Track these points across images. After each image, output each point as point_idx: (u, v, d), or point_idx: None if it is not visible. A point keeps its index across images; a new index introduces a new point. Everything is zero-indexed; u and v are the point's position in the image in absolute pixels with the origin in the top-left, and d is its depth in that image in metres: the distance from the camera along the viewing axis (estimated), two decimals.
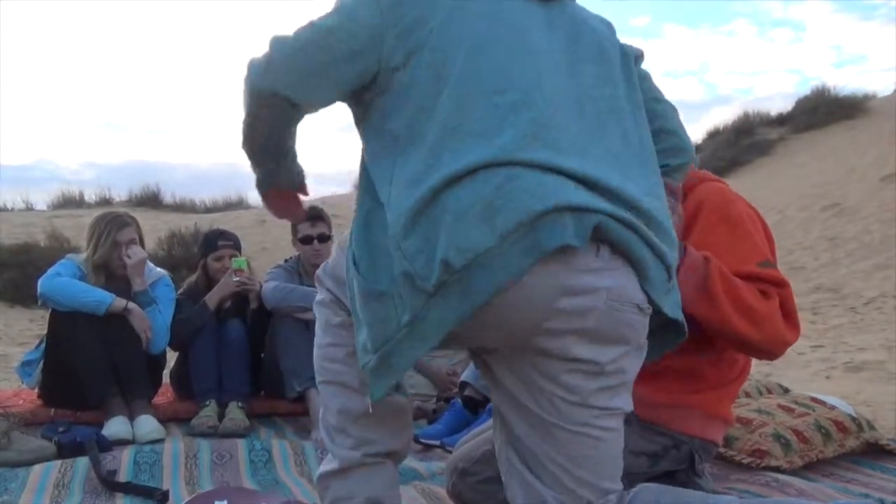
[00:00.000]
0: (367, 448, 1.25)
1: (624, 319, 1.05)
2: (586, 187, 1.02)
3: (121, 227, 2.65)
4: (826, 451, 1.92)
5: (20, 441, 2.13)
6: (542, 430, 1.09)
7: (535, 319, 1.02)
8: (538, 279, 0.99)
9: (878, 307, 5.46)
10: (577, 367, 1.06)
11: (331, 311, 1.28)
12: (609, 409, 1.09)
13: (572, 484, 1.09)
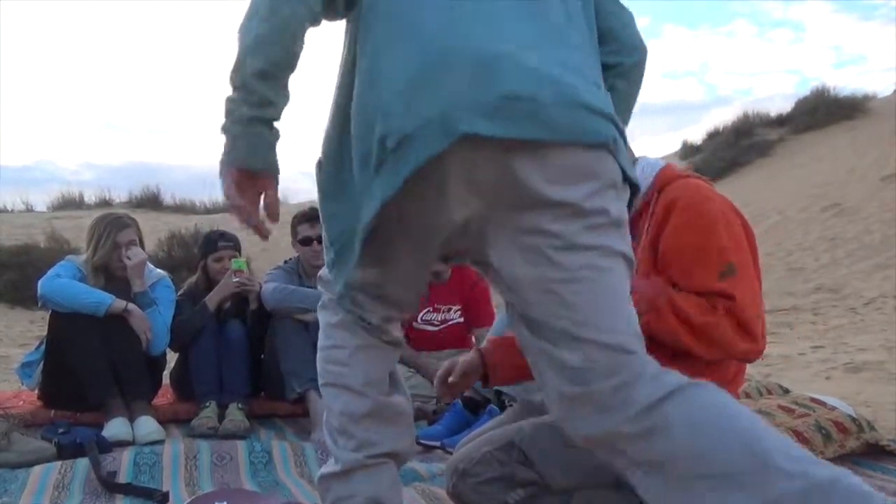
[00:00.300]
0: (370, 450, 1.25)
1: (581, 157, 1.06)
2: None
3: (121, 228, 2.66)
4: (826, 452, 1.92)
5: (20, 442, 2.13)
6: (544, 289, 1.06)
7: (489, 179, 1.05)
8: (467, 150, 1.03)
9: (878, 307, 5.47)
10: (555, 213, 1.05)
11: (331, 311, 1.29)
12: (599, 246, 1.06)
13: (585, 333, 1.05)
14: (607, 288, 1.07)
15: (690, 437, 1.01)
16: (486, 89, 1.01)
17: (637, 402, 1.04)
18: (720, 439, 1.00)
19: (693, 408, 1.03)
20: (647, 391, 1.04)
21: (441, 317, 3.06)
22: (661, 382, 1.05)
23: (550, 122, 1.02)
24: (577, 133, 1.04)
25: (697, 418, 1.02)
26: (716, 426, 1.01)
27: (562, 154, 1.04)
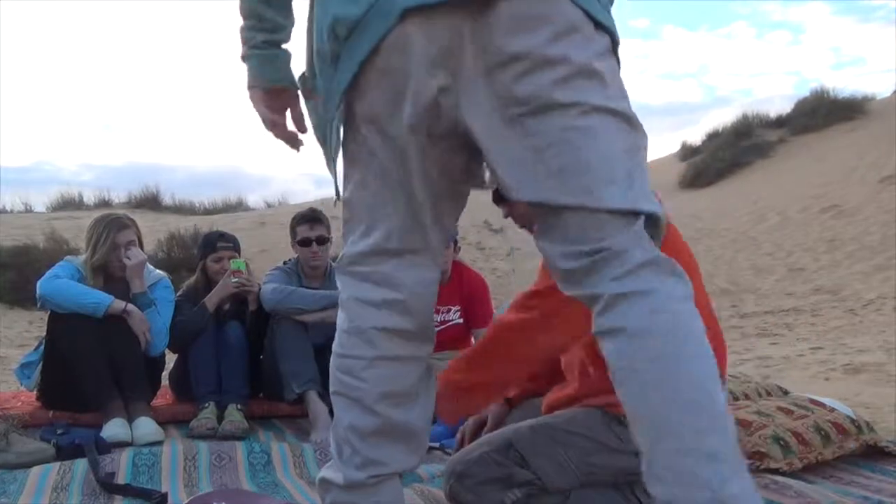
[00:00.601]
0: (374, 469, 1.19)
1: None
2: None
3: (119, 229, 2.65)
4: (825, 454, 1.92)
5: (18, 443, 2.12)
6: (529, 168, 1.03)
7: (442, 41, 1.02)
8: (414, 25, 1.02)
9: (877, 308, 5.47)
10: (516, 69, 1.00)
11: (344, 313, 1.21)
12: (575, 103, 1.00)
13: (573, 200, 1.00)
14: (594, 151, 1.01)
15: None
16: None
17: (602, 281, 1.00)
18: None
19: (648, 325, 0.97)
20: (615, 272, 1.00)
21: (440, 317, 3.06)
22: (632, 276, 0.99)
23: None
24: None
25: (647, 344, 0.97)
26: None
27: (509, 5, 1.00)
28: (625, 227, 1.01)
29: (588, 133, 1.01)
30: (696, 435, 0.93)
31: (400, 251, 1.16)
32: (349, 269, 1.19)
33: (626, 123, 1.04)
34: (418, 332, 1.19)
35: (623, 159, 1.03)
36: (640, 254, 1.00)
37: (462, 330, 3.08)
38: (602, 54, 1.04)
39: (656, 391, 0.95)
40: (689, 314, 1.00)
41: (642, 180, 1.04)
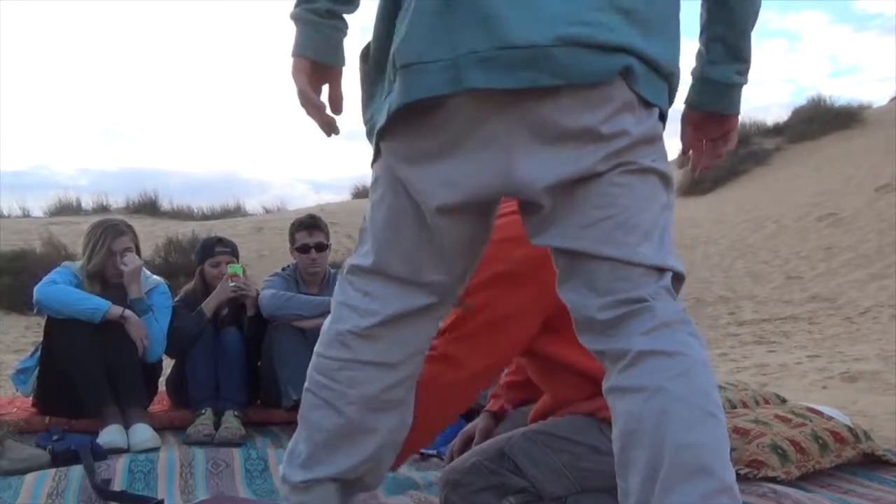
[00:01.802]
0: (316, 472, 1.20)
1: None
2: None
3: (116, 235, 2.65)
4: (823, 462, 1.92)
5: (14, 449, 2.12)
6: (583, 225, 1.04)
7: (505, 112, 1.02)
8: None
9: (874, 317, 5.48)
10: (576, 143, 1.02)
11: (331, 316, 1.23)
12: (625, 162, 1.03)
13: (624, 254, 1.01)
14: (633, 206, 1.03)
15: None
16: (489, 41, 0.99)
17: (626, 336, 1.01)
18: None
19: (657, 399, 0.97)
20: (644, 326, 1.00)
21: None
22: (661, 333, 0.99)
23: (551, 68, 0.98)
24: (578, 76, 0.99)
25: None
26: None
27: (569, 93, 1.01)
28: (655, 282, 1.03)
29: (632, 189, 1.03)
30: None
31: (398, 278, 1.16)
32: (347, 276, 1.21)
33: (664, 183, 1.07)
34: (389, 340, 1.19)
35: (658, 217, 1.05)
36: (670, 311, 1.01)
37: None
38: (653, 126, 1.07)
39: (666, 451, 0.94)
40: (711, 380, 1.00)
41: (670, 239, 1.06)
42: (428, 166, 1.07)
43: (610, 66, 1.01)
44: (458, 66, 0.99)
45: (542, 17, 0.99)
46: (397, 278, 1.16)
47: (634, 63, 1.02)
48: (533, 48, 0.98)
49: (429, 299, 1.18)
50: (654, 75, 1.06)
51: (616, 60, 1.01)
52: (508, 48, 0.98)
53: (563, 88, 1.00)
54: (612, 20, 1.01)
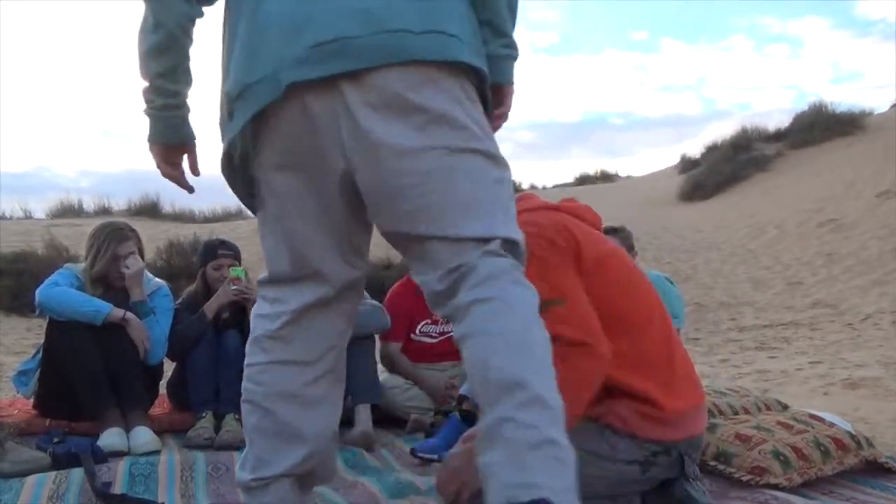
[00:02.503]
0: (264, 471, 1.31)
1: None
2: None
3: (121, 240, 2.65)
4: (825, 469, 1.91)
5: (14, 452, 2.11)
6: (394, 203, 1.18)
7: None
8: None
9: (875, 323, 5.47)
10: (390, 114, 1.16)
11: (252, 324, 1.37)
12: (437, 146, 1.16)
13: (433, 231, 1.16)
14: (453, 187, 1.16)
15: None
16: (298, 44, 1.16)
17: (455, 299, 1.15)
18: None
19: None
20: (469, 284, 1.14)
21: (439, 329, 3.06)
22: (476, 287, 1.14)
23: (362, 53, 1.15)
24: (389, 56, 1.15)
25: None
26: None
27: (377, 75, 1.15)
28: (480, 248, 1.16)
29: (453, 170, 1.17)
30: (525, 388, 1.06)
31: (291, 278, 1.31)
32: (259, 291, 1.37)
33: (490, 160, 1.20)
34: (300, 338, 1.32)
35: (487, 191, 1.19)
36: (493, 266, 1.15)
37: None
38: (458, 100, 1.19)
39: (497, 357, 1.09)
40: (527, 316, 1.14)
41: (505, 209, 1.20)
42: (284, 167, 1.24)
43: (420, 44, 1.16)
44: (276, 74, 1.17)
45: (344, 13, 1.16)
46: (290, 278, 1.31)
47: (445, 35, 1.18)
48: (338, 41, 1.15)
49: (323, 289, 1.31)
50: (468, 39, 1.21)
51: (427, 39, 1.17)
52: (318, 45, 1.16)
53: (373, 69, 1.15)
54: (403, 5, 1.17)
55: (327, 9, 1.17)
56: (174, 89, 1.32)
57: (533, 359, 1.09)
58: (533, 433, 1.02)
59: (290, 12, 1.19)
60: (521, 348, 1.09)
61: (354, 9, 1.17)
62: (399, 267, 8.03)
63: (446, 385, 2.87)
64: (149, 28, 1.28)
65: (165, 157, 1.36)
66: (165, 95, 1.31)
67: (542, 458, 1.02)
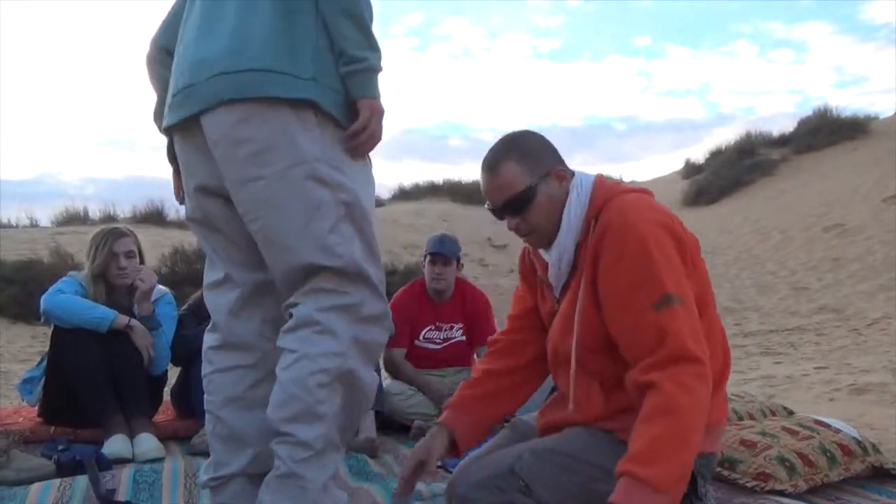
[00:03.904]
0: (220, 470, 1.47)
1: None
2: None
3: (117, 237, 2.67)
4: (831, 475, 1.90)
5: (19, 459, 2.12)
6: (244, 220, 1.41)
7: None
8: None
9: (881, 328, 5.44)
10: (219, 151, 1.38)
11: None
12: (264, 176, 1.34)
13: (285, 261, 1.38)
14: (279, 214, 1.34)
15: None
16: (170, 94, 1.44)
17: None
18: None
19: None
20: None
21: (443, 335, 3.05)
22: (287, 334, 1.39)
23: (201, 97, 1.36)
24: (216, 98, 1.35)
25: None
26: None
27: (213, 115, 1.36)
28: (305, 280, 1.38)
29: (269, 203, 1.35)
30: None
31: (217, 283, 1.52)
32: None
33: (318, 184, 1.35)
34: (234, 344, 1.50)
35: (311, 218, 1.35)
36: (299, 312, 1.38)
37: (465, 347, 3.08)
38: (285, 131, 1.34)
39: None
40: (307, 371, 1.35)
41: (331, 233, 1.36)
42: (187, 180, 1.51)
43: (241, 83, 1.34)
44: (163, 121, 1.47)
45: (198, 64, 1.39)
46: (212, 284, 1.53)
47: (270, 71, 1.34)
48: (188, 89, 1.39)
49: (236, 292, 1.49)
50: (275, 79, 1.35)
51: (249, 77, 1.34)
52: (175, 95, 1.42)
53: (208, 110, 1.36)
54: (249, 48, 1.36)
55: (185, 58, 1.42)
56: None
57: (297, 414, 1.34)
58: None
59: (179, 57, 1.45)
60: (290, 403, 1.35)
61: (197, 58, 1.39)
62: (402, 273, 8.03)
63: (450, 391, 2.86)
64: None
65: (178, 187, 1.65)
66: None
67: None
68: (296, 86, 1.34)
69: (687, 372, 1.31)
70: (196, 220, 1.52)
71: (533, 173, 1.49)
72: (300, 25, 1.38)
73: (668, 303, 1.34)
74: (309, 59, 1.37)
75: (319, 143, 1.36)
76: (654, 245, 1.38)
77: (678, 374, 1.31)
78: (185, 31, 1.47)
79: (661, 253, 1.37)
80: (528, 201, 1.49)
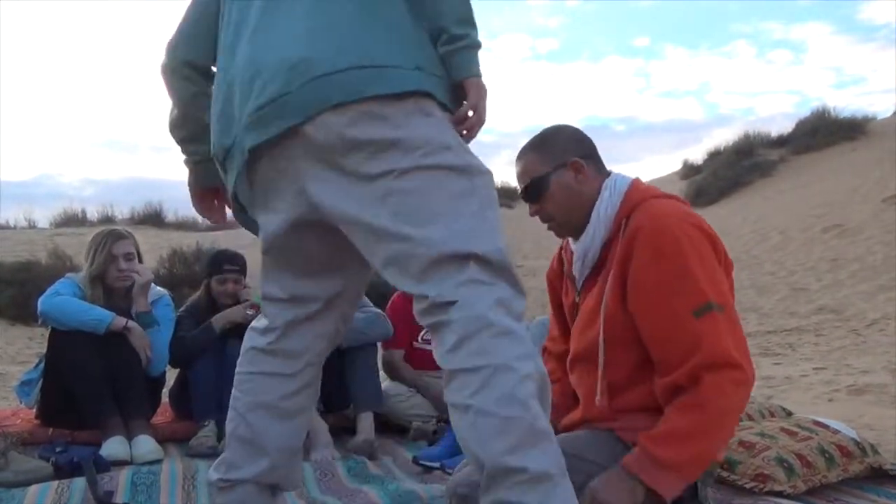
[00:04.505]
0: (231, 473, 1.42)
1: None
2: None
3: (116, 239, 2.67)
4: (829, 476, 1.90)
5: (17, 461, 2.11)
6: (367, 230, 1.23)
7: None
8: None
9: (881, 329, 5.44)
10: (340, 152, 1.22)
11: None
12: (386, 171, 1.20)
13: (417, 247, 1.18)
14: (421, 204, 1.19)
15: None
16: (248, 106, 1.26)
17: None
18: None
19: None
20: (446, 351, 1.17)
21: None
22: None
23: (299, 107, 1.21)
24: (321, 104, 1.20)
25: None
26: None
27: (315, 124, 1.21)
28: (452, 273, 1.17)
29: (405, 194, 1.19)
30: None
31: (279, 299, 1.42)
32: (262, 302, 1.47)
33: (451, 173, 1.21)
34: (282, 352, 1.43)
35: (447, 206, 1.19)
36: (463, 321, 1.15)
37: None
38: (400, 124, 1.21)
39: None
40: (511, 382, 1.12)
41: (476, 219, 1.20)
42: (266, 209, 1.35)
43: (350, 83, 1.20)
44: (240, 142, 1.28)
45: (285, 71, 1.22)
46: (279, 299, 1.42)
47: (380, 67, 1.21)
48: (277, 100, 1.22)
49: (313, 306, 1.41)
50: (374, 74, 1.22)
51: (359, 75, 1.20)
52: (259, 109, 1.24)
53: (309, 120, 1.21)
54: (323, 47, 1.22)
55: (268, 60, 1.24)
56: (196, 149, 1.53)
57: (522, 437, 1.08)
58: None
59: (245, 66, 1.28)
60: (507, 427, 1.08)
61: (287, 60, 1.22)
62: None
63: None
64: (171, 107, 1.53)
65: (199, 199, 1.59)
66: (191, 154, 1.55)
67: None
68: (406, 78, 1.22)
69: (726, 377, 1.36)
70: (275, 248, 1.37)
71: (547, 162, 1.56)
72: (387, 7, 1.26)
73: (708, 310, 1.37)
74: (409, 46, 1.25)
75: (442, 130, 1.24)
76: (689, 247, 1.40)
77: (717, 379, 1.36)
78: (239, 37, 1.31)
79: (697, 256, 1.40)
80: (542, 189, 1.56)
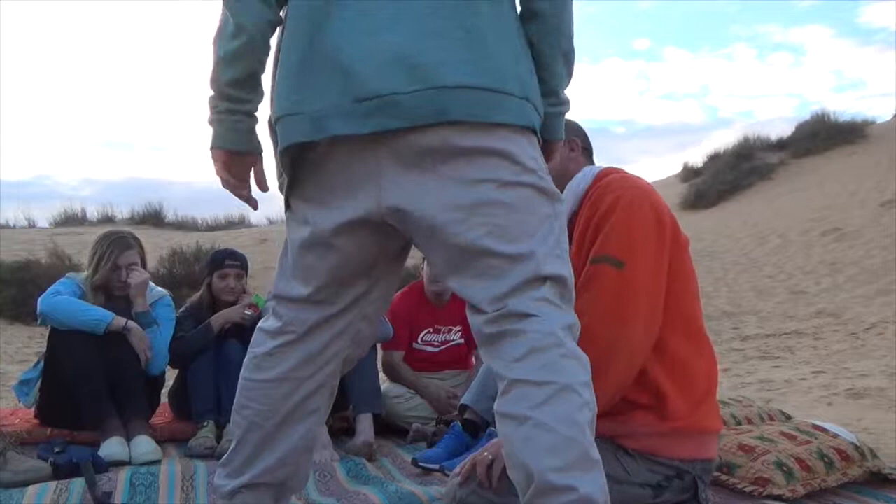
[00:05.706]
0: (243, 479, 1.35)
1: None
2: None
3: (123, 249, 2.65)
4: (829, 480, 1.90)
5: (15, 461, 2.11)
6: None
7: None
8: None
9: (879, 333, 5.44)
10: (443, 156, 1.14)
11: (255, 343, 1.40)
12: (488, 180, 1.14)
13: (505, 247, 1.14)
14: (513, 218, 1.15)
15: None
16: (345, 93, 1.13)
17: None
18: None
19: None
20: (511, 361, 1.12)
21: (441, 338, 3.05)
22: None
23: (408, 113, 1.11)
24: (436, 116, 1.11)
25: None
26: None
27: (419, 134, 1.12)
28: (526, 289, 1.14)
29: (498, 206, 1.14)
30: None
31: (302, 299, 1.29)
32: (270, 303, 1.36)
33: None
34: (300, 355, 1.32)
35: (537, 225, 1.16)
36: (535, 334, 1.12)
37: (463, 350, 3.08)
38: (509, 139, 1.15)
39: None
40: (574, 405, 1.10)
41: (555, 243, 1.18)
42: (320, 203, 1.22)
43: (467, 102, 1.12)
44: (321, 120, 1.14)
45: (396, 65, 1.11)
46: (298, 299, 1.29)
47: (498, 93, 1.14)
48: (384, 97, 1.11)
49: (333, 308, 1.30)
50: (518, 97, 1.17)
51: (478, 95, 1.13)
52: (361, 100, 1.12)
53: (414, 128, 1.12)
54: (446, 55, 1.12)
55: (378, 50, 1.12)
56: (244, 97, 1.22)
57: (577, 458, 1.05)
58: None
59: (342, 51, 1.14)
60: (566, 447, 1.05)
61: (403, 58, 1.11)
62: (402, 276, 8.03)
63: (448, 394, 2.86)
64: (228, 33, 1.19)
65: (229, 166, 1.26)
66: (234, 101, 1.22)
67: None
68: (525, 112, 1.18)
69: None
70: (317, 244, 1.25)
71: None
72: (515, 34, 1.20)
73: (603, 261, 1.49)
74: (531, 80, 1.22)
75: (539, 153, 1.22)
76: (621, 206, 1.53)
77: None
78: (345, 6, 1.16)
79: (625, 215, 1.53)
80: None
